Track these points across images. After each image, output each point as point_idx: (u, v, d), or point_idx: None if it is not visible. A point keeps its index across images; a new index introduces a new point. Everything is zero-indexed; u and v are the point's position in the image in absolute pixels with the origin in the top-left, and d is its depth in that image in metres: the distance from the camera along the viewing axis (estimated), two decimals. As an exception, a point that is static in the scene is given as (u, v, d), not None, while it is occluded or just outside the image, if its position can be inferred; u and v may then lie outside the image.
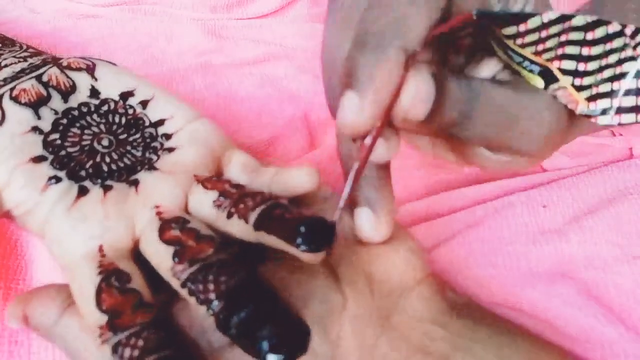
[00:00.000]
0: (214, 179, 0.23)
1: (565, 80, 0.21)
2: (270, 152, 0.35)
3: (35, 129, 0.22)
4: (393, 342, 0.21)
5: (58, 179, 0.21)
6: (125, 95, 0.25)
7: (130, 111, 0.25)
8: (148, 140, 0.24)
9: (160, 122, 0.25)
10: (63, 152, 0.22)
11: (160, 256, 0.20)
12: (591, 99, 0.21)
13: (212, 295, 0.18)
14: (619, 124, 0.21)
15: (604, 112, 0.21)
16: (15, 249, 0.29)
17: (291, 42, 0.41)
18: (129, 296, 0.19)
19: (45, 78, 0.24)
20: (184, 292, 0.19)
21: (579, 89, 0.21)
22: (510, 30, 0.20)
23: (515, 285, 0.28)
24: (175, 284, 0.19)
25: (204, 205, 0.22)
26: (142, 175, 0.23)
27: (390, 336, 0.21)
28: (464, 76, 0.21)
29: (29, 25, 0.39)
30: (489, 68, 0.23)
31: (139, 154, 0.24)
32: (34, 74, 0.24)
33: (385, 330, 0.21)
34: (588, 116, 0.21)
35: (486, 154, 0.23)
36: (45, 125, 0.23)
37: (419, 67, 0.19)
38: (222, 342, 0.20)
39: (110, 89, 0.25)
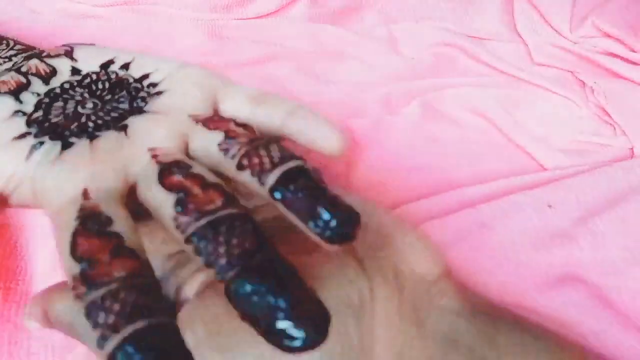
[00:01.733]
0: (216, 118, 0.20)
1: None
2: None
3: (17, 112, 0.22)
4: (422, 332, 0.21)
5: (41, 143, 0.20)
6: (106, 65, 0.24)
7: (113, 76, 0.24)
8: (134, 93, 0.23)
9: (145, 77, 0.23)
10: (47, 124, 0.21)
11: (161, 203, 0.18)
12: None
13: (222, 260, 0.16)
14: None
15: None
16: (15, 250, 0.29)
17: (291, 42, 0.41)
18: (107, 239, 0.16)
19: (24, 68, 0.24)
20: (188, 248, 0.17)
21: None
22: None
23: (527, 291, 0.28)
24: (178, 237, 0.17)
25: (208, 148, 0.19)
26: (132, 120, 0.21)
27: (419, 327, 0.21)
28: None
29: (29, 26, 0.39)
30: None
31: (126, 106, 0.22)
32: (13, 69, 0.24)
33: (414, 321, 0.21)
34: None
35: None
36: (28, 108, 0.22)
37: None
38: None
39: (91, 65, 0.24)
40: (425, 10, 0.44)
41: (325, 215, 0.17)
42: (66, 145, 0.20)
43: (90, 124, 0.21)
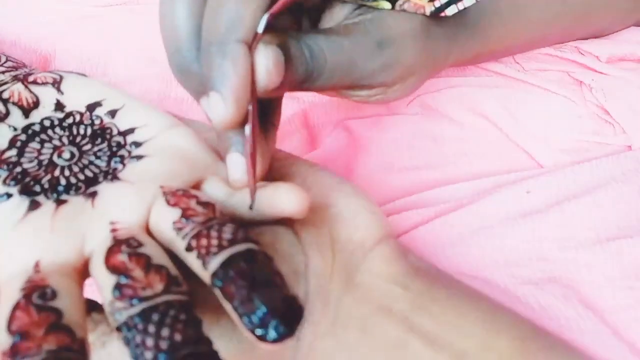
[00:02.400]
0: (180, 192, 0.20)
1: None
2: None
3: None
4: (356, 300, 0.21)
5: (9, 195, 0.20)
6: (92, 107, 0.24)
7: (97, 121, 0.23)
8: (115, 149, 0.22)
9: (130, 131, 0.23)
10: (19, 169, 0.21)
11: (102, 284, 0.17)
12: None
13: (149, 354, 0.15)
14: (465, 8, 0.24)
15: (448, 3, 0.24)
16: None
17: (290, 42, 0.41)
18: (46, 315, 0.16)
19: (6, 95, 0.23)
20: (119, 336, 0.16)
21: None
22: None
23: (485, 265, 0.29)
24: (111, 323, 0.16)
25: (164, 225, 0.19)
26: (103, 187, 0.21)
27: (353, 294, 0.22)
28: (303, 39, 0.23)
29: (27, 28, 0.39)
30: (342, 12, 0.26)
31: (103, 164, 0.22)
32: None
33: (349, 288, 0.22)
34: (438, 14, 0.24)
35: (348, 93, 0.27)
36: (2, 143, 0.22)
37: (264, 44, 0.21)
38: None
39: (76, 102, 0.24)
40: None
41: (262, 310, 0.16)
42: (33, 206, 0.20)
43: (63, 181, 0.21)
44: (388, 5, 0.24)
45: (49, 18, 0.40)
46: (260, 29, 0.20)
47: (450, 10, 0.24)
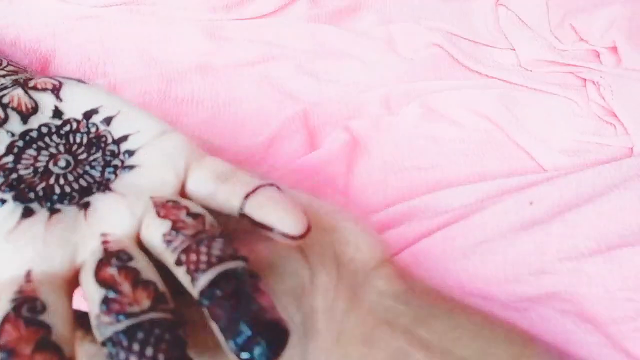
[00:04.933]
0: (170, 204, 0.20)
1: None
2: (269, 153, 0.35)
3: None
4: (360, 314, 0.22)
5: (3, 201, 0.20)
6: (89, 114, 0.24)
7: (93, 129, 0.23)
8: (109, 158, 0.22)
9: (124, 138, 0.23)
10: (14, 175, 0.21)
11: (91, 297, 0.17)
12: None
13: None
14: None
15: None
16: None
17: (291, 43, 0.41)
18: (34, 330, 0.16)
19: (6, 100, 0.23)
20: (104, 351, 0.16)
21: None
22: None
23: (486, 280, 0.29)
24: (97, 337, 0.17)
25: (154, 237, 0.19)
26: (95, 198, 0.21)
27: (357, 309, 0.22)
28: None
29: (27, 28, 0.39)
30: None
31: (97, 174, 0.22)
32: None
33: (353, 304, 0.22)
34: None
35: None
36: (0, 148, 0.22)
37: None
38: None
39: (74, 109, 0.24)
40: (424, 11, 0.44)
41: (246, 333, 0.16)
42: (26, 214, 0.20)
43: (57, 190, 0.21)
44: None
45: (49, 18, 0.40)
46: None
47: None
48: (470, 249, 0.30)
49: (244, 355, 0.16)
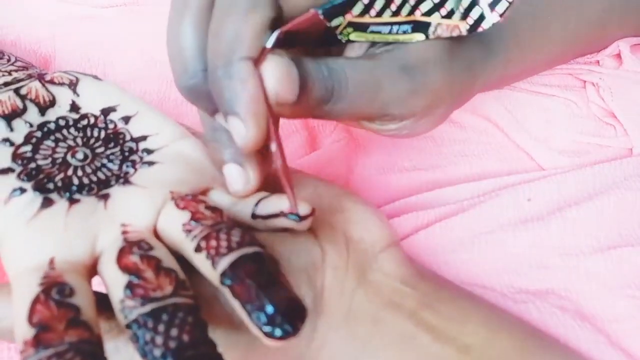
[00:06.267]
0: (189, 197, 0.21)
1: (435, 18, 0.22)
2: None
3: (5, 140, 0.22)
4: (368, 294, 0.23)
5: (23, 190, 0.20)
6: (107, 111, 0.24)
7: (111, 126, 0.24)
8: (127, 153, 0.23)
9: (142, 138, 0.24)
10: (33, 165, 0.21)
11: (114, 282, 0.18)
12: (463, 16, 0.22)
13: (157, 351, 0.16)
14: (501, 16, 0.22)
15: (481, 18, 0.22)
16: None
17: (291, 43, 0.41)
18: (65, 310, 0.17)
19: (24, 91, 0.23)
20: (128, 333, 0.17)
21: (449, 16, 0.22)
22: (358, 8, 0.21)
23: (484, 272, 0.29)
24: (121, 320, 0.17)
25: (173, 227, 0.20)
26: (115, 190, 0.21)
27: (365, 289, 0.23)
28: (321, 58, 0.22)
29: (27, 29, 0.39)
30: (363, 47, 0.24)
31: (115, 167, 0.22)
32: (13, 87, 0.24)
33: (362, 283, 0.23)
34: (475, 30, 0.22)
35: (376, 126, 0.26)
36: (18, 138, 0.22)
37: (272, 55, 0.20)
38: None
39: (91, 105, 0.24)
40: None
41: (269, 309, 0.17)
42: (46, 204, 0.20)
43: (76, 181, 0.21)
44: (422, 37, 0.23)
45: (49, 18, 0.40)
46: (269, 44, 0.20)
47: (487, 23, 0.22)
48: (468, 240, 0.30)
49: (267, 329, 0.17)
